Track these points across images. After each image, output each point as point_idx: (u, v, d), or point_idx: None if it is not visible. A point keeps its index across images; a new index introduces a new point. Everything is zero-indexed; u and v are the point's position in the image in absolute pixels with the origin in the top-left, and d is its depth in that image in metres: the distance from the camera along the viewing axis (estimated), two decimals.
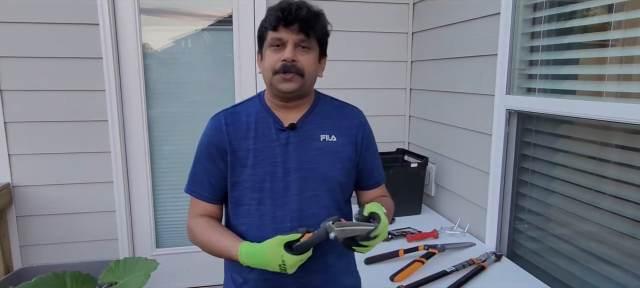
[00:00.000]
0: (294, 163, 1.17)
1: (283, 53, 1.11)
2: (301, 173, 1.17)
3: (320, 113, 1.24)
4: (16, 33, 2.25)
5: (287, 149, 1.17)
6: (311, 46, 1.15)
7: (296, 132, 1.19)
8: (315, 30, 1.14)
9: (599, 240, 1.48)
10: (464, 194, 2.19)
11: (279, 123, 1.19)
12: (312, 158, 1.18)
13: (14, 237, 2.40)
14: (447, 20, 2.27)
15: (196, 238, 1.21)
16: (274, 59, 1.12)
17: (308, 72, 1.14)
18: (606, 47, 1.47)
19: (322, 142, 1.20)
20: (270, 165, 1.16)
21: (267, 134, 1.18)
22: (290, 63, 1.11)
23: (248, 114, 1.21)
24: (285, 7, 1.10)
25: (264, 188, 1.16)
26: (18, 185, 2.37)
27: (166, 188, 2.69)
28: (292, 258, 1.02)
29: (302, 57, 1.13)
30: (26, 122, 2.33)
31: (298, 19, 1.09)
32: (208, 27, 2.59)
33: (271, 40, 1.12)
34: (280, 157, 1.17)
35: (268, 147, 1.17)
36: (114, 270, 2.17)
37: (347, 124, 1.25)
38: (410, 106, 2.79)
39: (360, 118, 1.29)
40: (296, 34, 1.11)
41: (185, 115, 2.65)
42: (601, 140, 1.48)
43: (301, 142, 1.19)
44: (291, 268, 1.03)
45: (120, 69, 2.45)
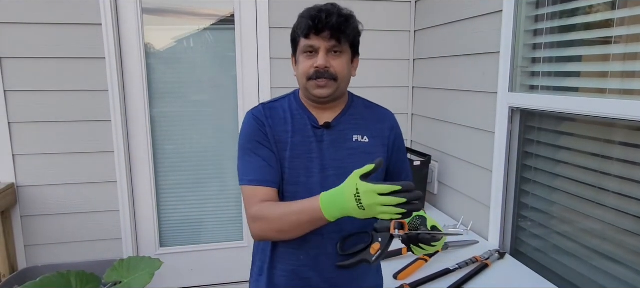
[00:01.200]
0: (329, 160, 1.18)
1: (316, 59, 1.13)
2: (336, 171, 1.17)
3: (354, 114, 1.26)
4: (20, 33, 2.26)
5: (322, 146, 1.19)
6: (343, 50, 1.16)
7: (330, 130, 1.21)
8: (347, 35, 1.15)
9: (602, 238, 1.48)
10: (467, 192, 2.19)
11: (314, 121, 1.21)
12: (345, 157, 1.19)
13: (18, 237, 2.41)
14: (449, 18, 2.27)
15: (271, 216, 1.10)
16: (307, 65, 1.14)
17: (341, 76, 1.16)
18: (609, 44, 1.46)
19: (354, 143, 1.21)
20: (307, 160, 1.17)
21: (304, 130, 1.20)
22: (323, 69, 1.13)
23: (285, 109, 1.23)
24: (315, 14, 1.11)
25: (299, 182, 1.16)
26: (22, 185, 2.38)
27: (169, 188, 2.70)
28: (365, 185, 0.94)
29: (335, 62, 1.14)
30: (30, 122, 2.34)
31: (329, 27, 1.11)
32: (210, 26, 2.59)
33: (304, 47, 1.14)
34: (316, 153, 1.18)
35: (304, 141, 1.18)
36: (118, 269, 2.18)
37: (379, 125, 1.26)
38: (412, 104, 2.79)
39: (392, 120, 1.31)
40: (327, 41, 1.12)
41: (187, 114, 2.65)
42: (604, 138, 1.47)
43: (335, 141, 1.20)
44: (365, 196, 0.94)
45: (123, 69, 2.46)
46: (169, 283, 2.74)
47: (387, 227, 1.04)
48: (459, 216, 2.21)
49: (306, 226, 1.08)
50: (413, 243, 1.07)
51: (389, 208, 0.92)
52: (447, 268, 1.66)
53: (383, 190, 0.92)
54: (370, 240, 1.06)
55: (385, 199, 0.92)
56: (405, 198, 0.92)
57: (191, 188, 2.73)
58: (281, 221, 1.09)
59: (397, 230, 1.03)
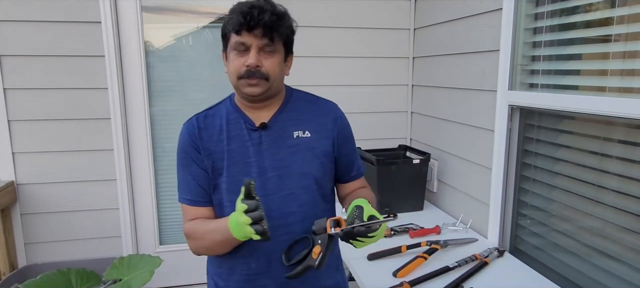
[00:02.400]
0: (268, 162, 1.16)
1: (247, 58, 1.09)
2: (276, 172, 1.15)
3: (293, 109, 1.22)
4: (19, 31, 2.25)
5: (261, 149, 1.16)
6: (276, 49, 1.12)
7: (268, 131, 1.18)
8: (280, 33, 1.11)
9: (601, 236, 1.48)
10: (466, 190, 2.19)
11: (250, 123, 1.18)
12: (287, 156, 1.17)
13: (18, 235, 2.42)
14: (449, 16, 2.27)
15: (197, 235, 1.17)
16: (238, 63, 1.10)
17: (273, 75, 1.12)
18: (609, 42, 1.46)
19: (295, 139, 1.18)
20: (245, 166, 1.15)
21: (240, 135, 1.17)
22: (255, 68, 1.09)
23: (220, 116, 1.21)
24: (247, 11, 1.06)
25: (239, 189, 1.11)
26: (22, 183, 2.38)
27: (169, 186, 2.70)
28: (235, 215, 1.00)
29: (267, 61, 1.10)
30: (30, 120, 2.34)
31: (261, 24, 1.06)
32: (209, 24, 2.59)
33: (234, 44, 1.10)
34: (254, 157, 1.16)
35: (241, 147, 1.16)
36: (118, 267, 2.18)
37: (322, 119, 1.23)
38: (412, 102, 2.79)
39: (336, 111, 1.27)
40: (259, 39, 1.08)
41: (187, 112, 2.61)
42: (604, 136, 1.47)
43: (274, 140, 1.17)
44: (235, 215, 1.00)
45: (122, 67, 2.45)
46: (168, 281, 2.74)
47: (324, 228, 1.04)
48: (458, 214, 2.21)
49: (223, 245, 1.13)
50: (351, 238, 1.04)
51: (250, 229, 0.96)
52: (447, 266, 1.66)
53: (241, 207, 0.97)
54: (311, 245, 1.05)
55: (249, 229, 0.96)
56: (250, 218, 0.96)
57: None
58: (204, 239, 1.15)
59: (333, 228, 1.03)
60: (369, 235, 1.02)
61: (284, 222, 1.13)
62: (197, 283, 2.80)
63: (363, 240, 1.04)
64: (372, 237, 1.03)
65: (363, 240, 1.03)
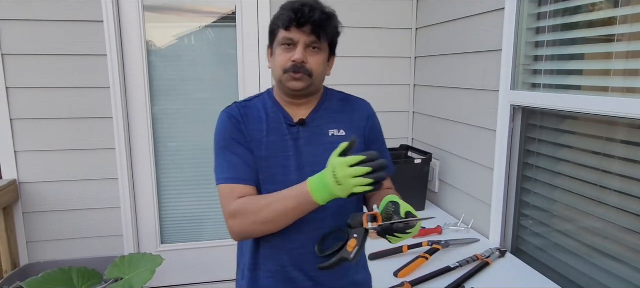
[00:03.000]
0: (305, 158, 1.17)
1: (293, 53, 1.12)
2: (314, 168, 1.15)
3: (329, 108, 1.25)
4: (22, 30, 2.26)
5: (298, 144, 1.18)
6: (322, 47, 1.15)
7: (305, 127, 1.20)
8: (327, 33, 1.14)
9: (604, 236, 1.47)
10: (468, 190, 2.19)
11: (289, 118, 1.20)
12: (322, 153, 1.17)
13: (20, 233, 2.42)
14: (451, 15, 2.26)
15: (253, 208, 1.10)
16: (285, 58, 1.13)
17: (316, 73, 1.15)
18: (612, 41, 1.46)
19: (330, 137, 1.20)
20: (284, 159, 1.16)
21: (279, 128, 1.19)
22: (300, 64, 1.12)
23: (258, 108, 1.22)
24: (298, 8, 1.10)
25: (277, 181, 1.15)
26: (24, 182, 2.39)
27: (171, 185, 2.70)
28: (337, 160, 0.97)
29: (312, 58, 1.14)
30: (32, 119, 2.34)
31: (310, 21, 1.10)
32: (211, 23, 2.59)
33: (282, 39, 1.13)
34: (293, 151, 1.17)
35: (280, 140, 1.18)
36: (120, 266, 2.18)
37: (356, 116, 1.25)
38: (414, 102, 2.79)
39: (368, 110, 1.30)
40: (307, 36, 1.11)
41: (189, 111, 2.65)
42: (607, 136, 1.47)
43: (311, 137, 1.19)
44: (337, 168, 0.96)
45: (124, 66, 2.46)
46: (169, 280, 2.74)
47: (361, 222, 1.04)
48: (459, 214, 2.21)
49: (292, 213, 1.07)
50: (388, 234, 1.03)
51: (360, 180, 0.95)
52: (448, 266, 1.66)
53: (351, 161, 0.96)
54: (347, 238, 1.04)
55: (355, 170, 0.95)
56: (371, 167, 0.95)
57: (192, 185, 2.73)
58: (265, 212, 1.08)
59: (370, 223, 1.02)
60: (406, 231, 1.02)
61: (316, 217, 1.12)
62: (198, 283, 2.80)
63: (399, 236, 1.03)
64: (409, 233, 1.03)
65: (400, 236, 1.03)
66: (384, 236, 1.04)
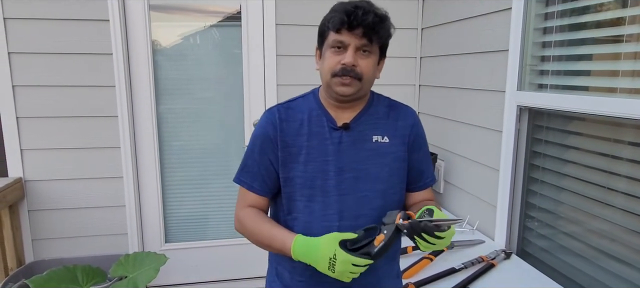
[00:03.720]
0: (346, 162, 1.16)
1: (343, 56, 1.09)
2: (354, 174, 1.16)
3: (374, 113, 1.22)
4: (28, 29, 2.27)
5: (340, 148, 1.16)
6: (372, 50, 1.13)
7: (349, 132, 1.18)
8: (379, 36, 1.12)
9: (610, 238, 1.46)
10: (473, 191, 2.17)
11: (332, 122, 1.18)
12: (364, 159, 1.17)
13: (26, 231, 2.43)
14: (457, 15, 2.25)
15: (245, 228, 1.21)
16: (334, 61, 1.10)
17: (366, 77, 1.13)
18: (620, 42, 1.44)
19: (374, 143, 1.18)
20: (323, 163, 1.15)
21: (321, 132, 1.17)
22: (350, 67, 1.09)
23: (302, 110, 1.20)
24: (351, 10, 1.07)
25: (315, 185, 1.15)
26: (30, 180, 2.40)
27: (175, 184, 2.70)
28: (343, 254, 1.00)
29: (363, 62, 1.11)
30: (38, 117, 2.35)
31: (363, 25, 1.07)
32: (216, 23, 2.59)
33: (332, 42, 1.10)
34: (333, 156, 1.16)
35: (321, 145, 1.16)
36: (124, 264, 2.19)
37: (400, 124, 1.23)
38: (419, 102, 2.78)
39: (414, 118, 1.27)
40: (359, 39, 1.08)
41: (193, 111, 2.66)
42: (614, 137, 1.46)
43: (354, 142, 1.18)
44: (340, 264, 1.00)
45: (129, 65, 2.46)
46: (174, 279, 2.75)
47: (394, 219, 1.03)
48: (465, 215, 2.20)
49: (276, 252, 1.16)
50: (417, 234, 1.01)
51: (356, 269, 1.01)
52: (453, 268, 1.65)
53: (358, 262, 1.01)
54: (378, 233, 1.04)
55: (357, 269, 1.01)
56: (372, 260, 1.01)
57: (197, 184, 2.73)
58: (256, 237, 1.18)
59: (402, 220, 1.01)
60: (436, 233, 0.99)
61: (354, 224, 1.12)
62: (202, 282, 2.80)
63: (430, 240, 1.01)
64: (440, 237, 1.00)
65: (430, 239, 1.00)
66: (413, 237, 1.02)
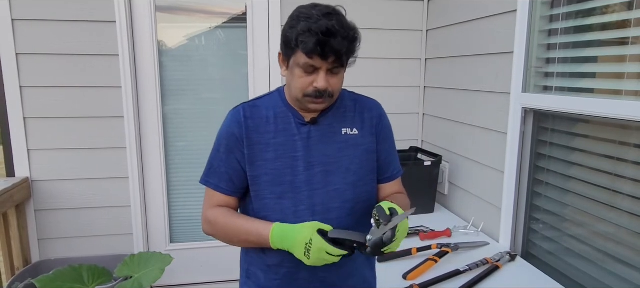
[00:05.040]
0: (316, 157, 1.17)
1: (315, 78, 1.08)
2: (324, 167, 1.16)
3: (340, 107, 1.23)
4: (35, 30, 2.29)
5: (309, 143, 1.17)
6: (342, 67, 1.12)
7: (317, 126, 1.19)
8: (349, 56, 1.11)
9: (616, 241, 1.45)
10: (478, 193, 2.17)
11: (299, 118, 1.19)
12: (335, 152, 1.18)
13: (32, 230, 2.45)
14: (462, 17, 2.25)
15: (217, 226, 1.20)
16: (306, 82, 1.09)
17: (337, 92, 1.15)
18: (626, 44, 1.44)
19: (343, 136, 1.20)
20: (291, 160, 1.16)
21: (288, 128, 1.18)
22: (323, 90, 1.09)
23: (268, 107, 1.20)
24: (323, 39, 1.02)
25: (284, 182, 1.15)
26: (36, 180, 2.42)
27: (180, 184, 2.72)
28: (320, 241, 1.02)
29: (333, 80, 1.11)
30: (45, 117, 2.37)
31: (335, 52, 1.04)
32: (222, 24, 2.60)
33: (304, 65, 1.07)
34: (302, 151, 1.16)
35: (289, 141, 1.17)
36: (129, 264, 2.20)
37: (367, 115, 1.25)
38: (424, 104, 2.78)
39: (379, 109, 1.29)
40: (330, 64, 1.07)
41: (199, 112, 2.67)
42: (619, 140, 1.45)
43: (323, 136, 1.18)
44: (316, 251, 1.02)
45: (136, 66, 2.48)
46: (179, 279, 2.76)
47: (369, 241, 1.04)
48: (469, 217, 2.19)
49: (251, 245, 1.18)
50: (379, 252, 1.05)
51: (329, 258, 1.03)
52: (457, 270, 1.65)
53: (332, 251, 1.02)
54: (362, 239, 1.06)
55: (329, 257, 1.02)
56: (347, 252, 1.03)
57: (202, 185, 2.73)
58: (230, 235, 1.18)
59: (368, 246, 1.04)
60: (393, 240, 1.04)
61: (327, 217, 1.14)
62: (207, 282, 2.81)
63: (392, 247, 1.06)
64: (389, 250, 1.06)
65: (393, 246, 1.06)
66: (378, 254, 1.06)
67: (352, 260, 1.17)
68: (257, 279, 1.24)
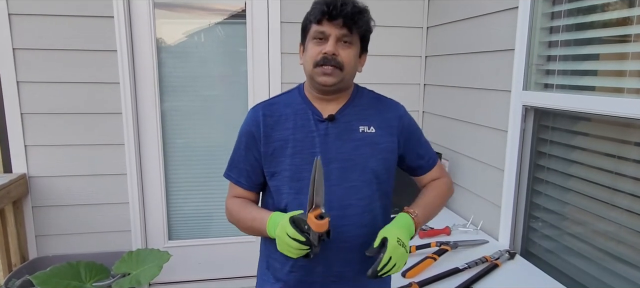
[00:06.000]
0: (333, 153, 1.18)
1: (325, 46, 1.13)
2: (341, 164, 1.18)
3: (359, 104, 1.25)
4: (33, 25, 2.27)
5: (327, 140, 1.19)
6: (353, 41, 1.16)
7: (335, 123, 1.20)
8: (359, 26, 1.15)
9: (616, 240, 1.45)
10: (477, 191, 2.16)
11: (318, 114, 1.21)
12: (351, 149, 1.19)
13: (29, 227, 2.44)
14: (463, 14, 2.24)
15: (232, 215, 1.28)
16: (316, 51, 1.14)
17: (348, 66, 1.16)
18: (628, 42, 1.43)
19: (360, 133, 1.21)
20: (310, 155, 1.17)
21: (306, 125, 1.20)
22: (331, 56, 1.12)
23: (286, 104, 1.24)
24: (331, 1, 1.11)
25: (303, 178, 1.16)
26: (34, 176, 2.41)
27: (179, 181, 2.71)
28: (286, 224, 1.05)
29: (343, 52, 1.14)
30: (42, 113, 2.36)
31: (342, 15, 1.11)
32: (221, 21, 2.59)
33: (314, 33, 1.14)
34: (320, 147, 1.18)
35: (307, 137, 1.18)
36: (127, 261, 2.19)
37: (387, 115, 1.26)
38: (424, 102, 2.77)
39: (400, 110, 1.30)
40: (339, 29, 1.12)
41: (198, 109, 2.66)
42: (620, 138, 1.44)
43: (340, 133, 1.20)
44: (280, 229, 1.06)
45: (134, 62, 2.47)
46: (177, 276, 2.75)
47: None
48: (469, 215, 2.19)
49: (258, 233, 1.21)
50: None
51: (288, 249, 1.05)
52: (456, 268, 1.65)
53: (292, 234, 1.03)
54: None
55: (291, 241, 1.03)
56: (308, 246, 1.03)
57: (201, 182, 2.73)
58: (241, 223, 1.25)
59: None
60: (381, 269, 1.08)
61: (343, 213, 1.16)
62: (205, 279, 2.80)
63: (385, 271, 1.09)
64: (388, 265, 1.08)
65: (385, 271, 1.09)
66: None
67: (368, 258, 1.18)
68: (275, 270, 1.26)
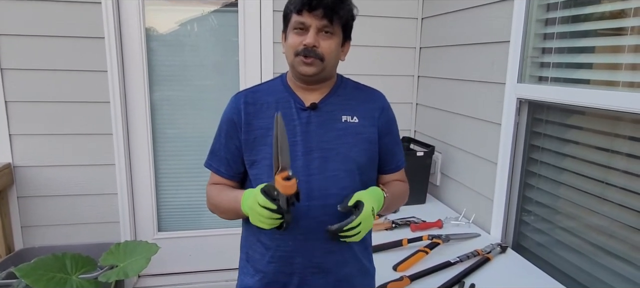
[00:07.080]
0: (314, 143, 1.17)
1: (305, 37, 1.12)
2: (322, 153, 1.17)
3: (342, 94, 1.24)
4: (17, 10, 2.21)
5: (309, 129, 1.18)
6: (334, 31, 1.15)
7: (317, 112, 1.20)
8: (340, 16, 1.14)
9: (607, 234, 1.44)
10: (470, 184, 2.15)
11: (300, 103, 1.20)
12: (333, 138, 1.18)
13: (15, 218, 2.39)
14: (458, 5, 2.21)
15: (210, 200, 1.28)
16: (297, 41, 1.14)
17: (328, 57, 1.15)
18: (623, 35, 1.41)
19: (343, 123, 1.20)
20: (290, 144, 1.15)
21: (288, 114, 1.19)
22: (311, 48, 1.12)
23: (269, 93, 1.23)
24: None
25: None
26: (19, 166, 2.35)
27: (169, 172, 2.67)
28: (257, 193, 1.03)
29: (324, 43, 1.13)
30: (27, 101, 2.30)
31: (322, 5, 1.10)
32: (213, 10, 2.54)
33: (294, 23, 1.14)
34: (301, 136, 1.17)
35: (288, 125, 1.17)
36: (115, 253, 2.15)
37: (369, 106, 1.25)
38: (417, 94, 2.74)
39: (383, 101, 1.29)
40: (319, 20, 1.11)
41: (188, 99, 2.61)
42: (614, 132, 1.43)
43: (322, 122, 1.19)
44: (250, 197, 1.06)
45: (122, 50, 2.41)
46: (167, 268, 2.72)
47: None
48: (461, 208, 2.18)
49: (235, 215, 1.20)
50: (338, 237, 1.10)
51: (259, 218, 1.03)
52: (448, 261, 1.64)
53: (262, 202, 1.01)
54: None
55: (262, 210, 1.01)
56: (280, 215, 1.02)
57: (191, 173, 2.69)
58: (219, 208, 1.24)
59: None
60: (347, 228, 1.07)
61: (324, 203, 1.15)
62: (195, 271, 2.78)
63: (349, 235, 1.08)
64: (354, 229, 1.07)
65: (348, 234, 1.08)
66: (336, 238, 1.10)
67: (349, 248, 1.20)
68: (255, 262, 1.25)
